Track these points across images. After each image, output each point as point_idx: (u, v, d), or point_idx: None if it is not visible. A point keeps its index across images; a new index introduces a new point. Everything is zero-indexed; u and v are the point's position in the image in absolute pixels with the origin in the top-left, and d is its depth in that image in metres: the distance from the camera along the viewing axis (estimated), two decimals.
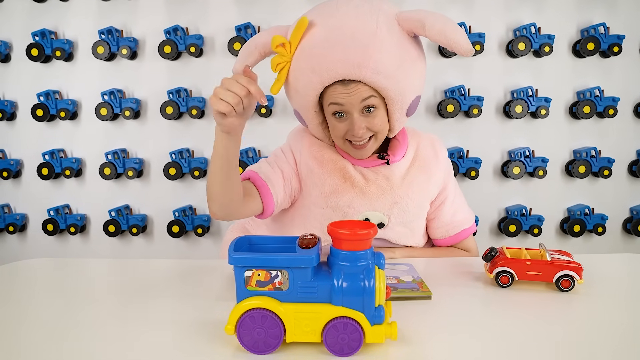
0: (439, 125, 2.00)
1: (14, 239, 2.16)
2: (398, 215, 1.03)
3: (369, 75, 0.89)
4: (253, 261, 0.60)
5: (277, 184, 1.01)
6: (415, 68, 0.94)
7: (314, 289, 0.60)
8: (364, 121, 0.95)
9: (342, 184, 1.01)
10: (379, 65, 0.89)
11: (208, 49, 2.00)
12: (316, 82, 0.92)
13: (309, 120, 1.01)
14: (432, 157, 1.07)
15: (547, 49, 1.91)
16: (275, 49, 0.94)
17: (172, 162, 2.01)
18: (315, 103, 0.96)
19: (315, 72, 0.91)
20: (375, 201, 1.02)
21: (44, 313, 0.76)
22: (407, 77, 0.93)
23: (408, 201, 1.03)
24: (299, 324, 0.60)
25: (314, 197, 1.03)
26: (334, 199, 1.01)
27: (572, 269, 0.81)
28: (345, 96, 0.92)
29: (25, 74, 2.05)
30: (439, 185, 1.08)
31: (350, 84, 0.91)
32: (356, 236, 0.60)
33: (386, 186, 1.02)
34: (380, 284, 0.60)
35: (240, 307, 0.60)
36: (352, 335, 0.59)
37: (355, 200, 1.01)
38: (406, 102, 0.96)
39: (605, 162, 1.97)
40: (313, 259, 0.59)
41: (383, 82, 0.90)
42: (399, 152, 1.04)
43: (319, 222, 1.03)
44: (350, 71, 0.89)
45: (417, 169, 1.05)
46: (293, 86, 0.97)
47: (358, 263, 0.60)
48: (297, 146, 1.07)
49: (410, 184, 1.03)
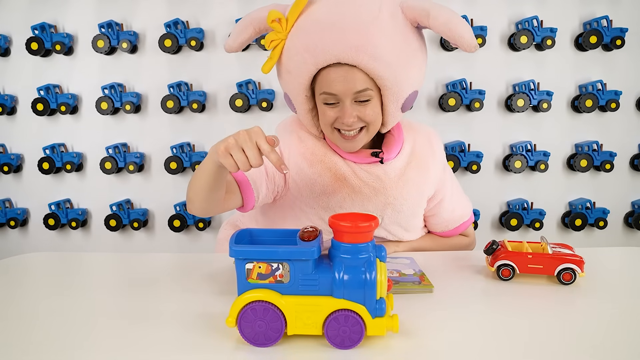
0: (441, 119, 1.99)
1: (15, 234, 2.16)
2: (391, 215, 1.00)
3: (366, 60, 0.85)
4: (254, 254, 0.60)
5: (258, 180, 0.95)
6: (416, 60, 0.91)
7: (315, 281, 0.60)
8: (355, 109, 0.90)
9: (332, 184, 0.97)
10: (378, 51, 0.84)
11: (209, 43, 1.99)
12: (310, 62, 0.87)
13: (299, 105, 0.95)
14: (429, 155, 1.03)
15: (549, 42, 1.90)
16: (271, 24, 0.91)
17: (173, 156, 2.01)
18: (307, 87, 0.91)
19: (310, 51, 0.86)
20: (367, 202, 0.98)
21: (45, 306, 0.76)
22: (406, 68, 0.89)
23: (402, 202, 0.99)
24: (300, 316, 0.60)
25: (304, 196, 0.99)
26: (324, 200, 0.97)
27: (573, 262, 0.81)
28: (339, 82, 0.87)
29: (25, 68, 2.04)
30: (436, 183, 1.05)
31: (345, 69, 0.86)
32: (357, 229, 0.59)
33: (379, 187, 0.97)
34: (382, 277, 0.60)
35: (241, 300, 0.60)
36: (354, 327, 0.59)
37: (346, 200, 0.97)
38: (402, 94, 0.91)
39: (607, 155, 1.97)
40: (314, 251, 0.59)
41: (380, 69, 0.86)
42: (394, 149, 0.99)
43: (310, 221, 1.00)
44: (347, 54, 0.84)
45: (413, 168, 1.00)
46: (285, 66, 0.92)
47: (359, 255, 0.60)
48: (286, 142, 1.01)
49: (406, 184, 0.99)
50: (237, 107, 1.95)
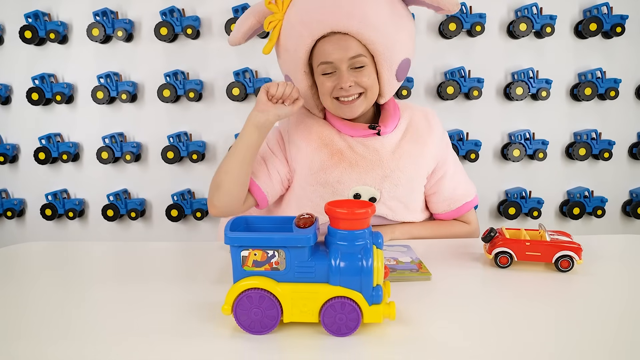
0: (439, 107, 1.98)
1: (12, 224, 2.16)
2: (390, 189, 1.02)
3: (357, 26, 0.91)
4: (249, 241, 0.59)
5: (262, 177, 1.03)
6: (404, 25, 0.97)
7: (311, 268, 0.60)
8: (352, 75, 0.95)
9: (329, 159, 1.01)
10: (368, 17, 0.91)
11: (205, 31, 1.97)
12: (306, 35, 0.94)
13: (299, 83, 1.02)
14: (425, 129, 1.06)
15: (549, 30, 1.88)
16: (268, 5, 0.98)
17: (170, 145, 2.00)
18: (305, 62, 0.98)
19: (305, 24, 0.93)
20: (365, 175, 1.00)
21: (42, 294, 0.76)
22: (395, 32, 0.95)
23: (399, 174, 1.02)
24: (296, 304, 0.60)
25: (304, 175, 1.03)
26: (322, 175, 1.01)
27: (571, 250, 0.81)
28: (334, 50, 0.93)
29: (19, 57, 2.02)
30: (435, 158, 1.06)
31: (338, 38, 0.93)
32: (354, 215, 0.59)
33: (375, 159, 1.01)
34: (379, 264, 0.59)
35: (237, 288, 0.60)
36: (350, 315, 0.59)
37: (344, 175, 1.00)
38: (395, 60, 0.96)
39: (605, 144, 1.96)
40: (310, 238, 0.58)
41: (371, 34, 0.92)
42: (391, 124, 1.03)
43: (310, 200, 1.03)
44: (339, 22, 0.91)
45: (409, 141, 1.04)
46: (283, 45, 1.00)
47: (356, 242, 0.60)
48: (285, 126, 1.08)
49: (402, 156, 1.02)
50: (234, 95, 1.93)
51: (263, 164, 1.04)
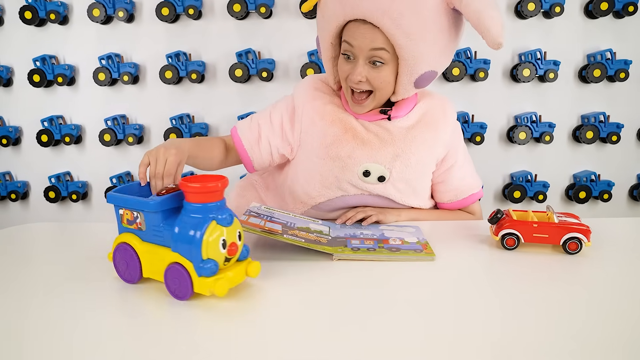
0: (445, 88, 1.95)
1: (16, 207, 2.16)
2: (400, 169, 1.01)
3: (388, 24, 0.87)
4: (120, 201, 0.70)
5: (252, 140, 1.06)
6: (441, 40, 0.91)
7: (161, 233, 0.67)
8: (366, 70, 0.93)
9: (343, 134, 1.00)
10: (403, 18, 0.86)
11: (207, 11, 1.94)
12: (339, 13, 0.91)
13: (324, 50, 1.01)
14: (440, 116, 1.05)
15: (558, 9, 1.83)
16: None
17: (173, 127, 1.98)
18: (334, 34, 0.96)
19: (342, 2, 0.90)
20: (376, 152, 1.00)
21: (45, 274, 0.75)
22: (427, 44, 0.90)
23: (410, 155, 1.01)
24: (151, 262, 0.68)
25: (315, 148, 1.02)
26: (334, 149, 1.00)
27: (580, 232, 0.80)
28: (359, 36, 0.90)
29: (19, 38, 2.00)
30: (446, 146, 1.06)
31: (369, 27, 0.89)
32: (189, 188, 0.64)
33: (388, 138, 1.00)
34: (211, 238, 0.62)
35: (116, 240, 0.71)
36: (182, 282, 0.63)
37: (355, 150, 1.00)
38: (417, 70, 0.93)
39: (614, 127, 1.93)
40: (156, 204, 0.66)
41: (400, 38, 0.88)
42: (404, 109, 1.02)
43: (319, 173, 1.02)
44: (372, 13, 0.87)
45: (422, 125, 1.03)
46: (322, 9, 0.97)
47: (192, 214, 0.64)
48: (301, 99, 1.06)
49: (414, 138, 1.01)
50: (237, 77, 1.91)
51: (257, 130, 1.06)
